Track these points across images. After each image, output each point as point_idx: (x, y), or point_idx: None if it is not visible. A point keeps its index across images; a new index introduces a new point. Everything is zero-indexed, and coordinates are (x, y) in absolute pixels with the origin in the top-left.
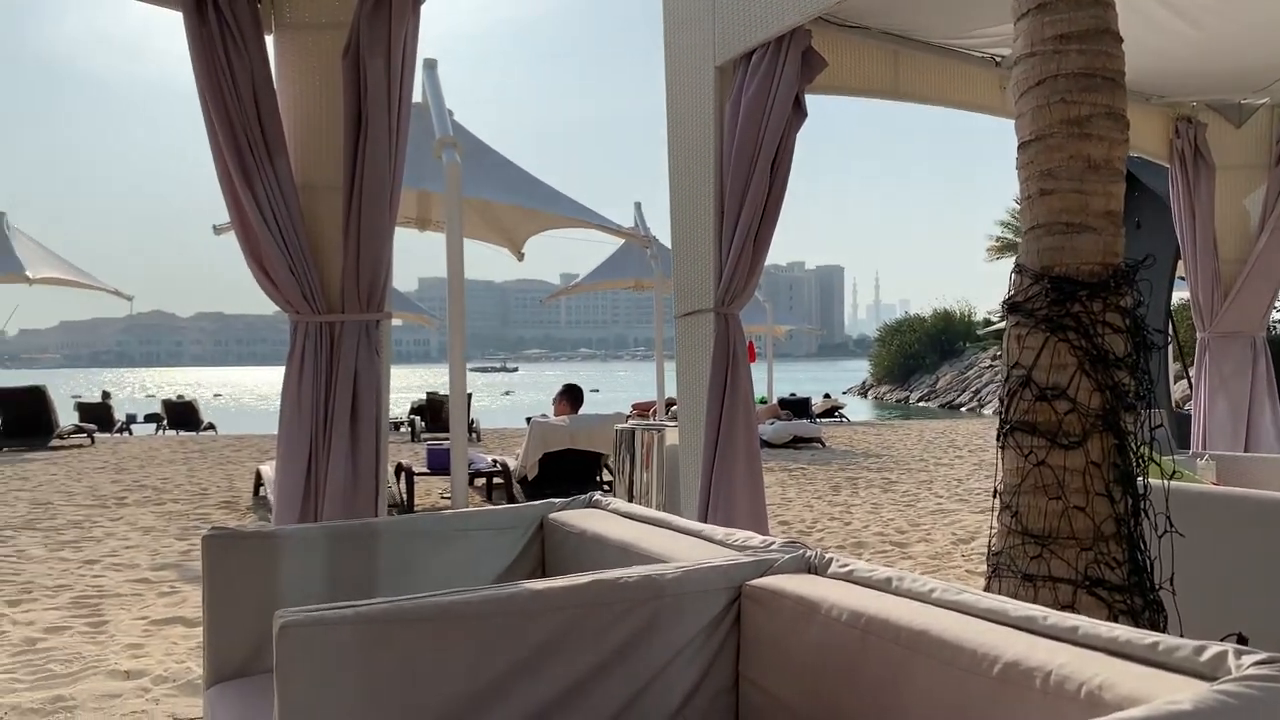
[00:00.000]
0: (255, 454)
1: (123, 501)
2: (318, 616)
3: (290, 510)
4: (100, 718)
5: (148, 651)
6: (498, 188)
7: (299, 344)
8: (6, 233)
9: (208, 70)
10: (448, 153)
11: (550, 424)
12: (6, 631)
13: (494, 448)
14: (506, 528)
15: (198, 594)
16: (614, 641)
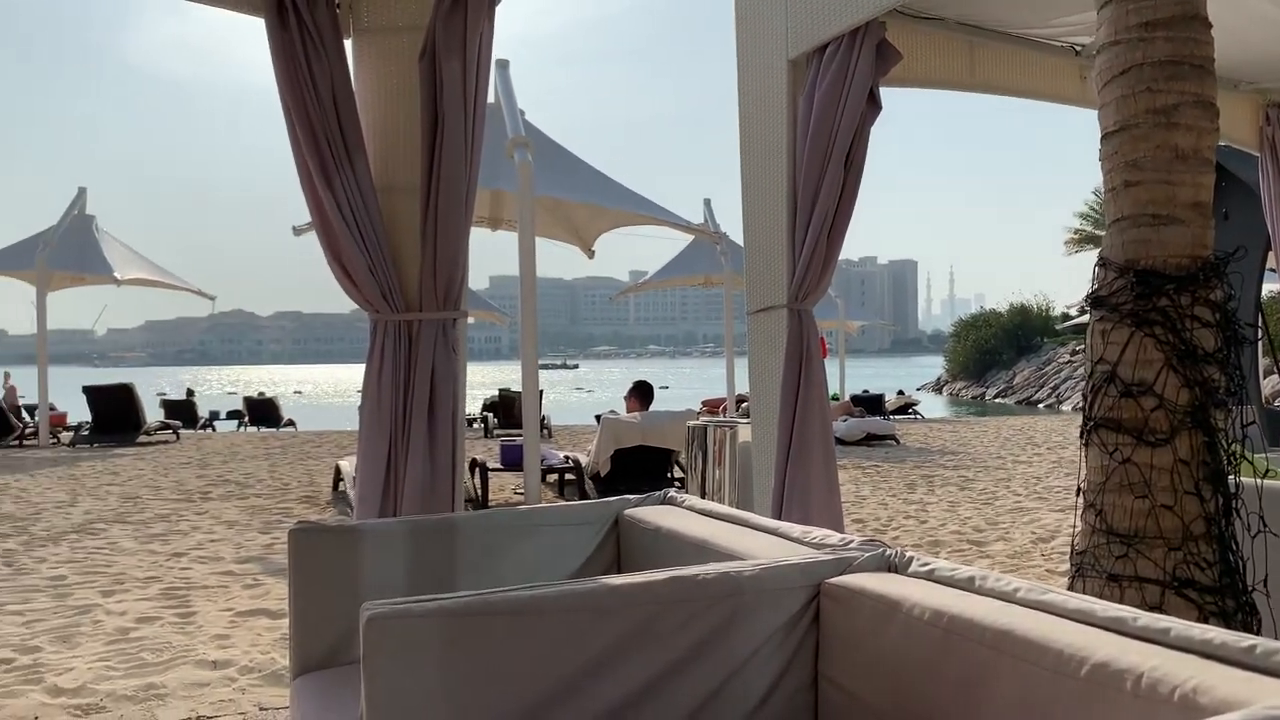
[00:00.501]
0: (334, 449)
1: (207, 496)
2: (403, 609)
3: (371, 505)
4: (189, 706)
5: (234, 642)
6: (569, 186)
7: (378, 342)
8: (96, 235)
9: (289, 75)
10: (520, 152)
11: (621, 421)
12: (101, 621)
13: (565, 444)
14: (582, 523)
15: (280, 586)
16: (692, 638)
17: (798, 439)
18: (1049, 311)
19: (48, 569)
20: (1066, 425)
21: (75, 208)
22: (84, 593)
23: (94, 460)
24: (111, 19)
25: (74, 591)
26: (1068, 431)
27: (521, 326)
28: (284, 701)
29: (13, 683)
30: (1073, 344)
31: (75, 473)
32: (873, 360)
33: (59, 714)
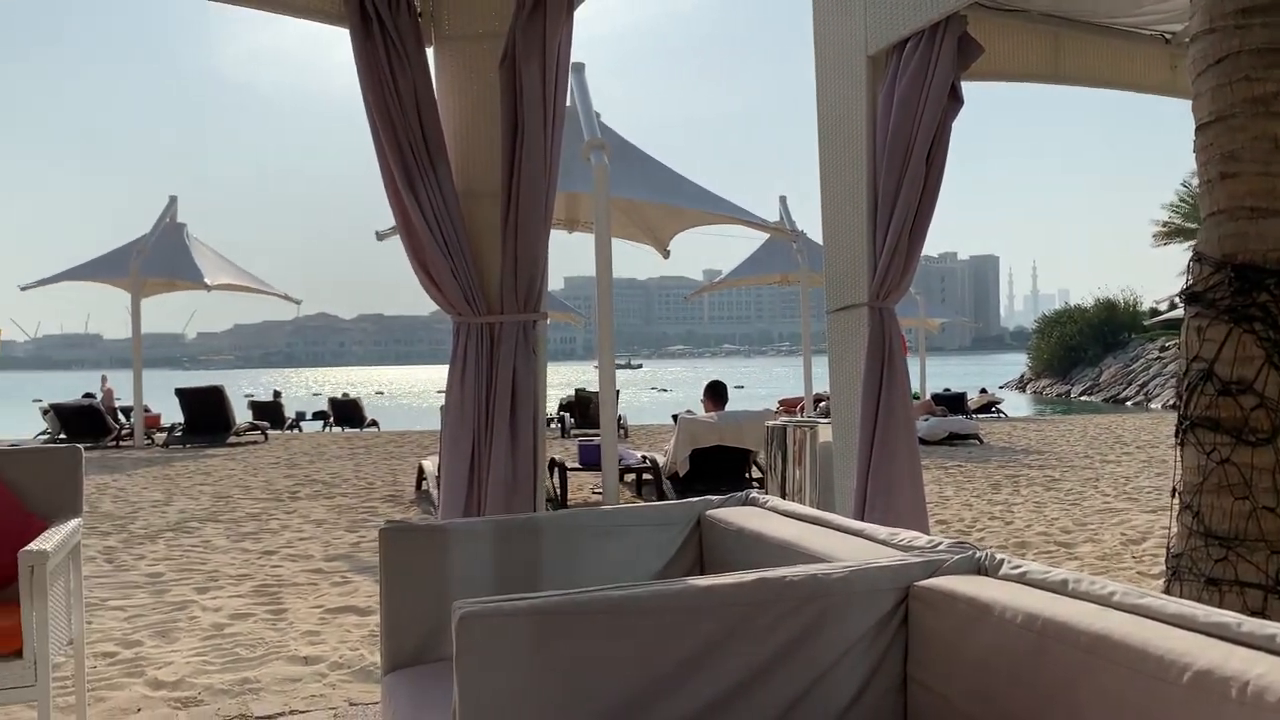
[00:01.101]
0: (416, 449)
1: (296, 495)
2: (494, 607)
3: (455, 504)
4: (283, 700)
5: (324, 638)
6: (644, 187)
7: (461, 344)
8: (187, 242)
9: (373, 83)
10: (596, 155)
11: (698, 420)
12: (197, 617)
13: (641, 444)
14: (664, 524)
15: (368, 584)
16: (780, 639)
17: (880, 439)
18: (1137, 306)
19: (146, 566)
20: (1156, 424)
21: (167, 216)
22: (180, 589)
23: (187, 460)
24: (200, 34)
25: (171, 588)
26: (1158, 430)
27: (598, 327)
28: (373, 697)
29: (116, 675)
30: (1162, 340)
31: (169, 473)
32: (954, 358)
33: (159, 706)
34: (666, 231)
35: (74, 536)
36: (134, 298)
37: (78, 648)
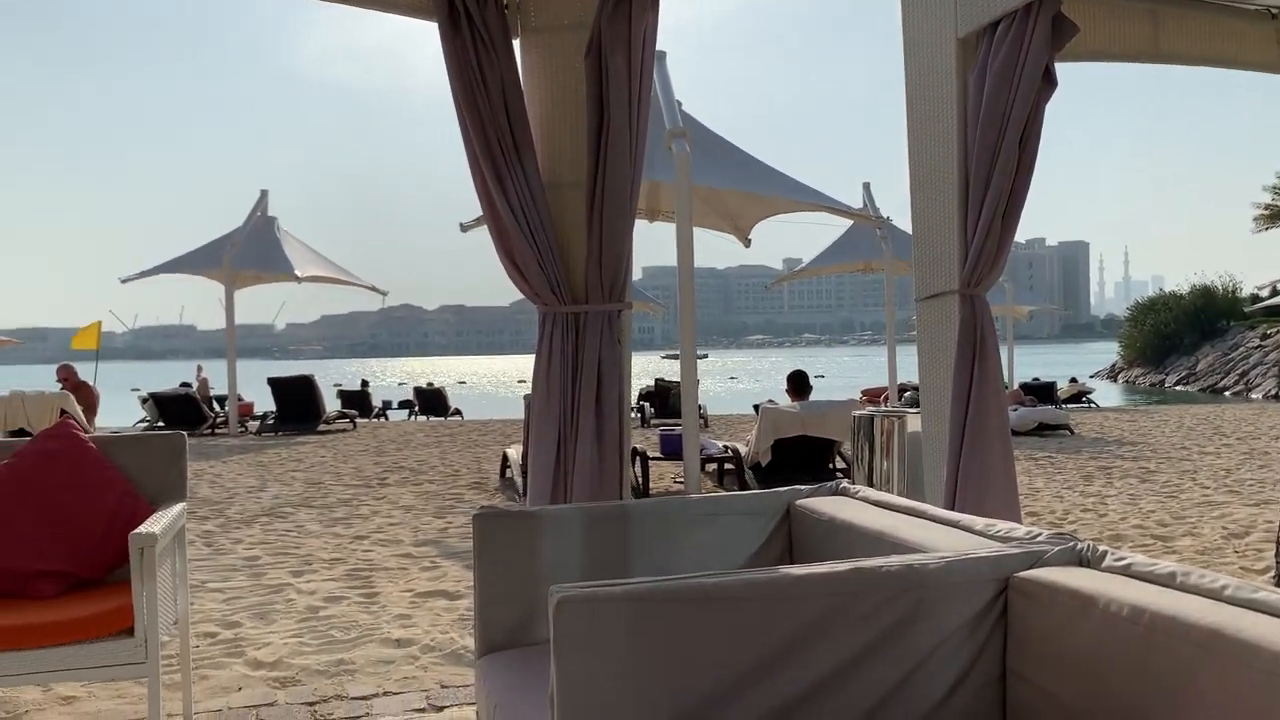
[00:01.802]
0: (499, 438)
1: (384, 482)
2: (591, 592)
3: (542, 492)
4: (377, 682)
5: (415, 622)
6: (725, 174)
7: (547, 334)
8: (278, 235)
9: (461, 77)
10: (678, 143)
11: (781, 410)
12: (293, 600)
13: (722, 434)
14: (753, 513)
15: (457, 569)
16: (875, 630)
17: (971, 429)
18: (1236, 292)
19: (243, 550)
20: (1258, 415)
21: (258, 210)
22: (276, 572)
23: (279, 448)
24: (282, 32)
25: (267, 571)
26: (1260, 421)
27: (680, 317)
28: (464, 680)
29: (218, 655)
30: (1263, 327)
31: (263, 459)
32: (1042, 347)
33: (259, 685)
34: (748, 219)
35: (179, 520)
36: (227, 289)
37: (183, 628)
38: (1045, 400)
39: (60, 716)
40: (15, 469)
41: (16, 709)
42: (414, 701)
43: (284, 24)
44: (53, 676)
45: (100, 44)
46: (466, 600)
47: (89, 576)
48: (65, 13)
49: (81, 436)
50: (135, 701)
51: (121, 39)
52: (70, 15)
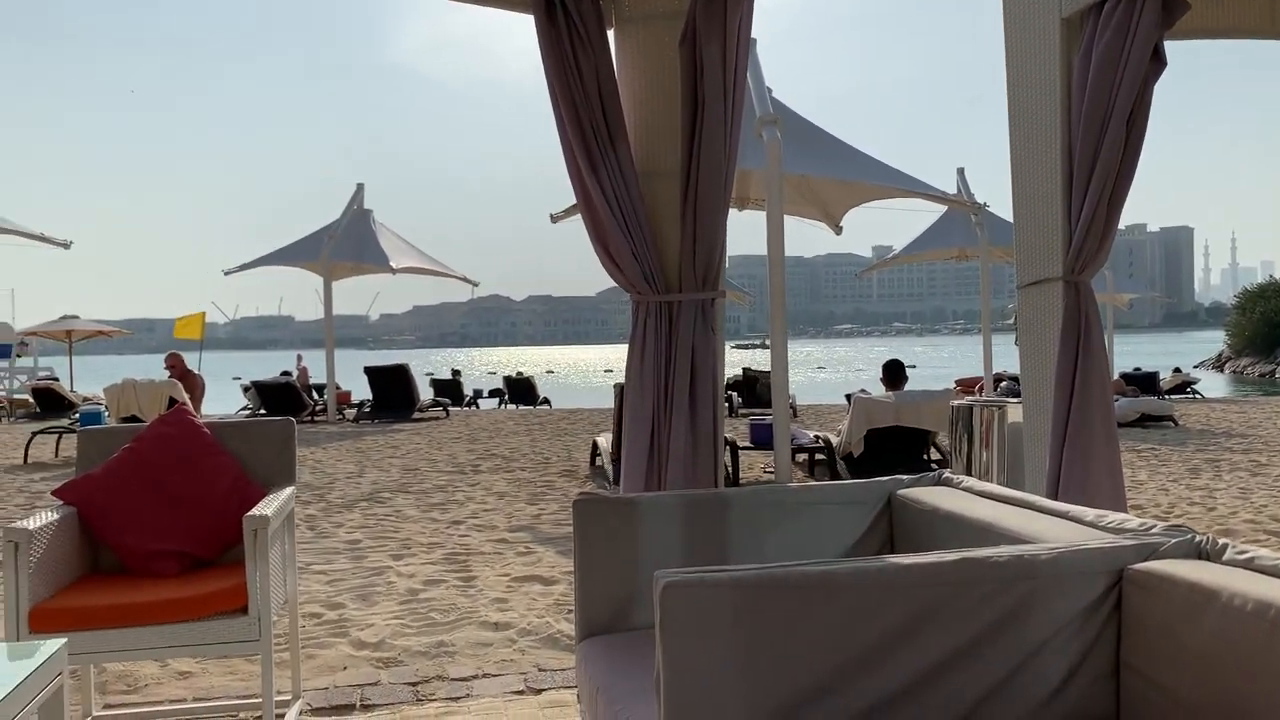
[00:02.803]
0: (588, 426)
1: (478, 469)
2: (696, 578)
3: (636, 479)
4: (476, 664)
5: (511, 606)
6: (817, 161)
7: (640, 323)
8: (373, 228)
9: (556, 66)
10: (768, 130)
11: (875, 400)
12: (394, 583)
13: (811, 424)
14: (853, 502)
15: (551, 555)
16: (983, 621)
17: (1075, 420)
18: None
19: (344, 533)
20: None
21: (354, 203)
22: (377, 556)
23: (376, 435)
24: (375, 26)
25: (368, 555)
26: None
27: (770, 306)
28: (561, 664)
29: (323, 635)
30: None
31: (361, 446)
32: (1144, 335)
33: (363, 665)
34: (839, 207)
35: (289, 503)
36: (325, 281)
37: (291, 608)
38: (1148, 390)
39: (177, 690)
40: (135, 453)
41: (136, 683)
42: (513, 684)
43: (377, 18)
44: (171, 652)
45: (194, 39)
46: (561, 585)
47: (205, 556)
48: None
49: (197, 422)
50: (246, 679)
51: (218, 34)
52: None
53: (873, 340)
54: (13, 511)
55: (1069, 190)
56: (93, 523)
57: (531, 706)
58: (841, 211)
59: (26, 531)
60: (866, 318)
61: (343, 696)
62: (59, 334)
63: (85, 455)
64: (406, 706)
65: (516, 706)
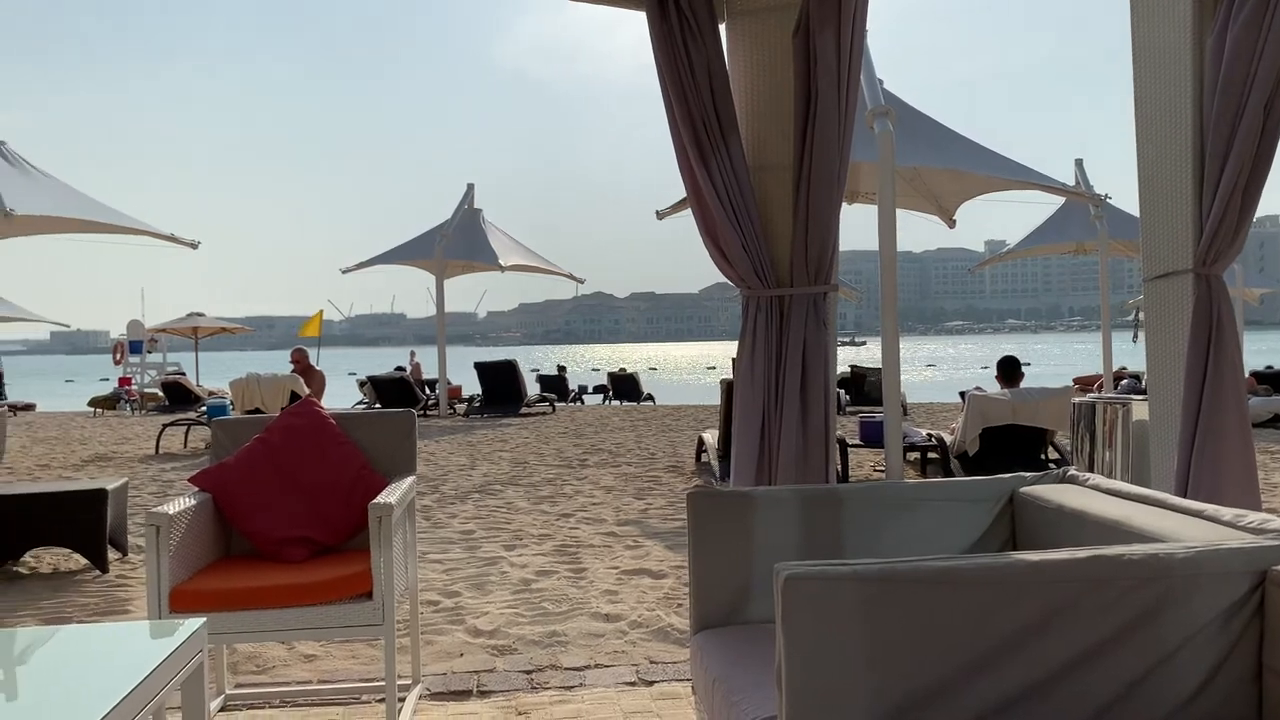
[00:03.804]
0: (693, 423)
1: (585, 463)
2: (818, 571)
3: (746, 474)
4: (588, 654)
5: (621, 598)
6: (930, 154)
7: (750, 318)
8: (483, 226)
9: (668, 60)
10: (880, 122)
11: (990, 398)
12: (506, 572)
13: (922, 422)
14: (974, 500)
15: (659, 549)
16: (1115, 622)
17: (1206, 418)
18: None
19: (458, 524)
20: None
21: (465, 202)
22: (490, 546)
23: (485, 429)
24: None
25: (481, 545)
26: None
27: (882, 301)
28: (672, 657)
29: (440, 622)
30: None
31: (471, 440)
32: (1275, 333)
33: (479, 652)
34: (953, 200)
35: (410, 493)
36: (438, 279)
37: (411, 595)
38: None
39: (303, 672)
40: (266, 442)
41: (265, 664)
42: (625, 675)
43: (485, 21)
44: (299, 634)
45: (311, 43)
46: (670, 580)
47: (331, 543)
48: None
49: (324, 413)
50: (367, 663)
51: (333, 38)
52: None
53: (984, 337)
54: (146, 499)
55: (1200, 179)
56: (226, 509)
57: (644, 698)
58: (955, 204)
59: (166, 516)
60: (978, 314)
61: (460, 682)
62: (186, 331)
63: (219, 444)
64: (522, 694)
65: (629, 697)
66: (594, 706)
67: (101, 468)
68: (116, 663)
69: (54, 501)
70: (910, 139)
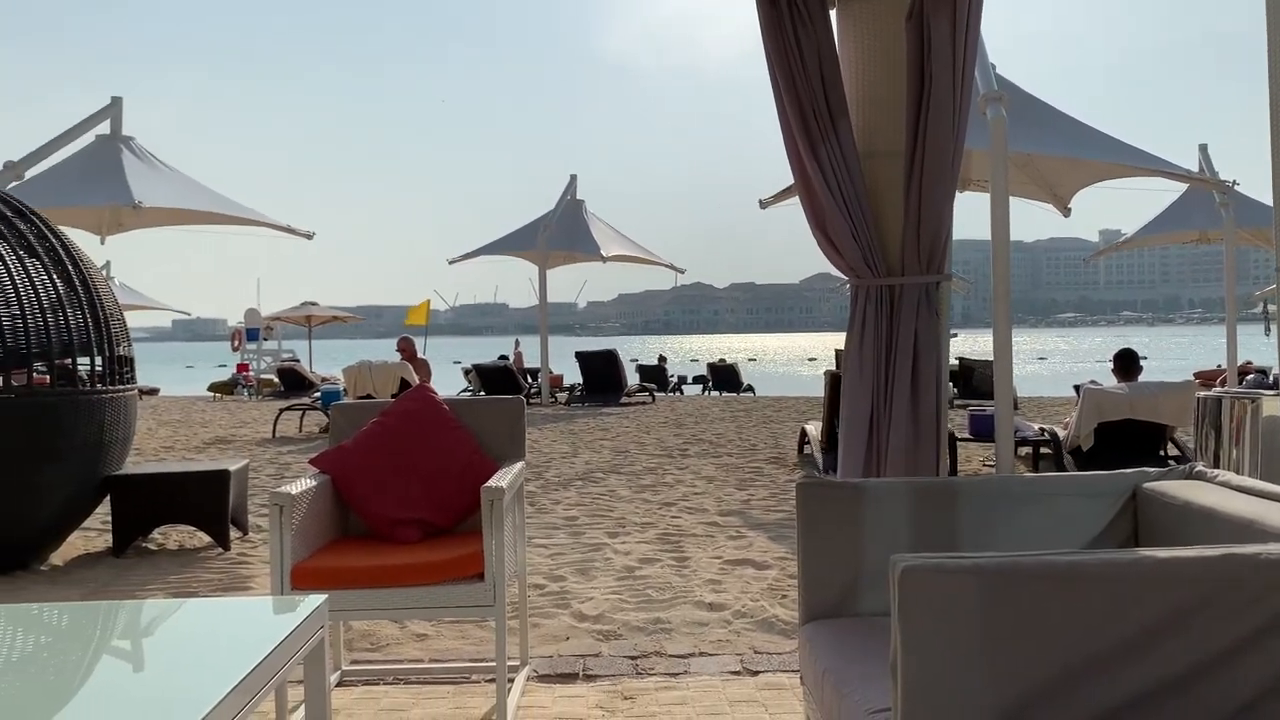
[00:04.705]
0: (794, 414)
1: (685, 453)
2: (936, 563)
3: (853, 466)
4: (692, 642)
5: (725, 588)
6: (1044, 139)
7: (860, 308)
8: (585, 217)
9: (777, 47)
10: (993, 108)
11: (1106, 391)
12: (611, 559)
13: (1033, 416)
14: (1094, 495)
15: (763, 540)
16: (1249, 623)
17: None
18: None
19: (562, 510)
20: None
21: (568, 193)
22: (593, 533)
23: (586, 417)
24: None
25: (585, 531)
26: None
27: (994, 292)
28: (776, 648)
29: (547, 605)
30: None
31: (573, 428)
32: None
33: (584, 636)
34: (1068, 187)
35: (520, 478)
36: (540, 269)
37: (520, 578)
38: None
39: (415, 651)
40: (382, 426)
41: (379, 642)
42: (729, 664)
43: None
44: (413, 613)
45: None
46: (774, 571)
47: (443, 525)
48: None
49: (437, 399)
50: (476, 643)
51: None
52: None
53: (1098, 330)
54: (265, 480)
55: None
56: (344, 490)
57: (748, 687)
58: (1070, 192)
59: (289, 495)
60: (1091, 306)
61: (566, 665)
62: (299, 319)
63: (337, 428)
64: (627, 679)
65: (734, 687)
66: (699, 694)
67: (222, 450)
68: (244, 636)
69: (181, 482)
70: (1023, 124)
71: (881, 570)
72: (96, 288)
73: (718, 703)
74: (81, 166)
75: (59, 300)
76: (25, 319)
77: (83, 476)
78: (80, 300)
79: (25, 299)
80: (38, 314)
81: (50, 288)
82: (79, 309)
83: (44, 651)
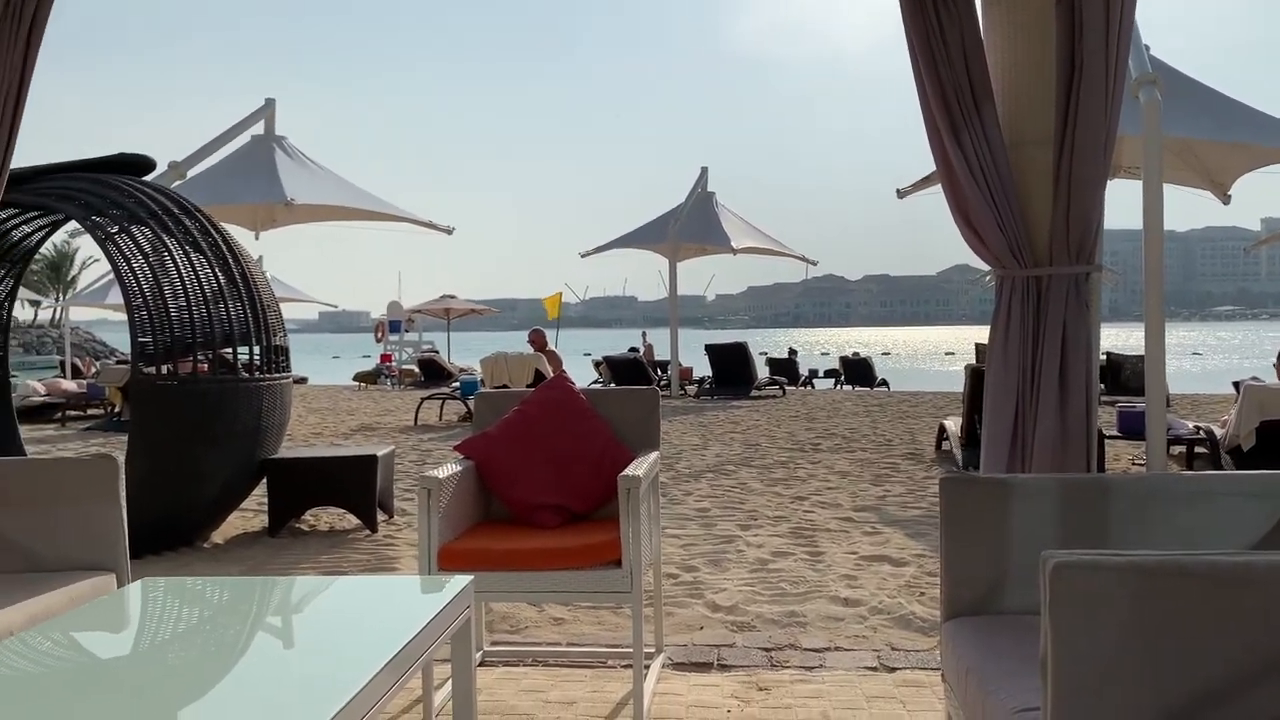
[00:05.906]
0: (931, 410)
1: (817, 447)
2: (1090, 561)
3: (998, 462)
4: (827, 636)
5: (860, 584)
6: (1202, 123)
7: (1005, 301)
8: (716, 210)
9: (918, 29)
10: (1146, 91)
11: (1269, 389)
12: (743, 551)
13: (1187, 414)
14: (1257, 495)
15: (899, 537)
16: None
17: None
18: None
19: (693, 501)
20: None
21: (699, 186)
22: (725, 525)
23: (716, 410)
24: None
25: (717, 523)
26: None
27: (1146, 284)
28: (914, 645)
29: (680, 594)
30: None
31: (703, 420)
32: None
33: (718, 627)
34: (1228, 173)
35: (655, 467)
36: (670, 262)
37: (655, 567)
38: None
39: (552, 634)
40: (524, 414)
41: (518, 624)
42: (866, 660)
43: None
44: (553, 596)
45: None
46: (911, 568)
47: (580, 511)
48: None
49: (575, 388)
50: (611, 629)
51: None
52: None
53: (1259, 324)
54: (408, 466)
55: None
56: (486, 475)
57: (885, 683)
58: (1230, 179)
59: (437, 480)
60: (1251, 299)
61: (700, 654)
62: (439, 312)
63: (480, 415)
64: (762, 670)
65: (870, 682)
66: (835, 689)
67: (367, 436)
68: (395, 613)
69: (333, 466)
70: (1179, 108)
71: (1027, 568)
72: (255, 281)
73: (854, 698)
74: (238, 165)
75: (221, 292)
76: (190, 310)
77: (242, 460)
78: (240, 293)
79: (191, 292)
80: (201, 305)
81: (213, 280)
82: (239, 301)
83: (207, 625)
